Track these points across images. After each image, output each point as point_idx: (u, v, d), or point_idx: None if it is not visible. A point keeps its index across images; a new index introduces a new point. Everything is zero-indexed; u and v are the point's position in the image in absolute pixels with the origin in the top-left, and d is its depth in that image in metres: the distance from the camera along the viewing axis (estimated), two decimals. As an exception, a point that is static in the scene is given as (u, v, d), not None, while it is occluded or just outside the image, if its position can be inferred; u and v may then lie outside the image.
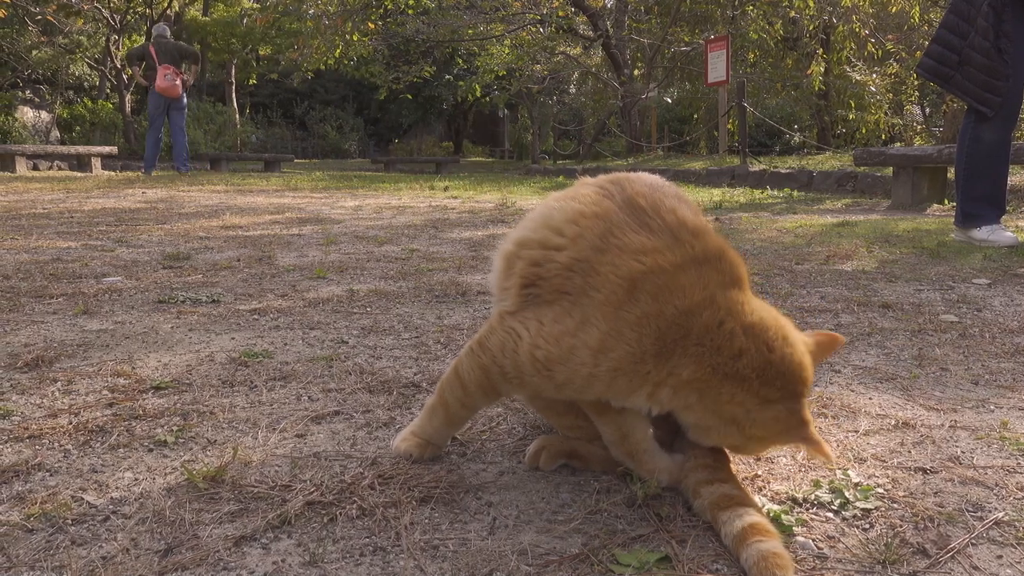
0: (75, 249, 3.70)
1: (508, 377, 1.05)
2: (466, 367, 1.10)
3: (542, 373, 1.01)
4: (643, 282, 0.97)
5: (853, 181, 7.97)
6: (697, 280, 0.98)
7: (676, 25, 15.62)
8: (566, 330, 0.99)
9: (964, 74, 3.70)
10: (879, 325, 2.13)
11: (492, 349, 1.06)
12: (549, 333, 1.00)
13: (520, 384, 1.06)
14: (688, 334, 0.96)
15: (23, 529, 0.99)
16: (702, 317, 0.96)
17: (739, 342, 0.97)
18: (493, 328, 1.08)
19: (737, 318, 0.98)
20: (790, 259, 3.36)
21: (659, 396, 1.00)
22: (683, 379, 0.97)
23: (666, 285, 0.97)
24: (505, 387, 1.08)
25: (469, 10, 16.51)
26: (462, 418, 1.19)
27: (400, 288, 2.71)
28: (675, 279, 0.97)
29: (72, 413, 1.41)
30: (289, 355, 1.82)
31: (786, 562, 0.87)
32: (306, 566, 0.91)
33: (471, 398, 1.13)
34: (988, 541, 0.98)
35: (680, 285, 0.97)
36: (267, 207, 6.47)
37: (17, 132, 17.19)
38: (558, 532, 0.99)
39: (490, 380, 1.08)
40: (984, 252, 3.47)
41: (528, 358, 1.01)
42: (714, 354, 0.96)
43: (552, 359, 1.00)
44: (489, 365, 1.07)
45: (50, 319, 2.18)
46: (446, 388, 1.15)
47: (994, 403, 1.50)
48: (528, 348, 1.01)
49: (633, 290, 0.97)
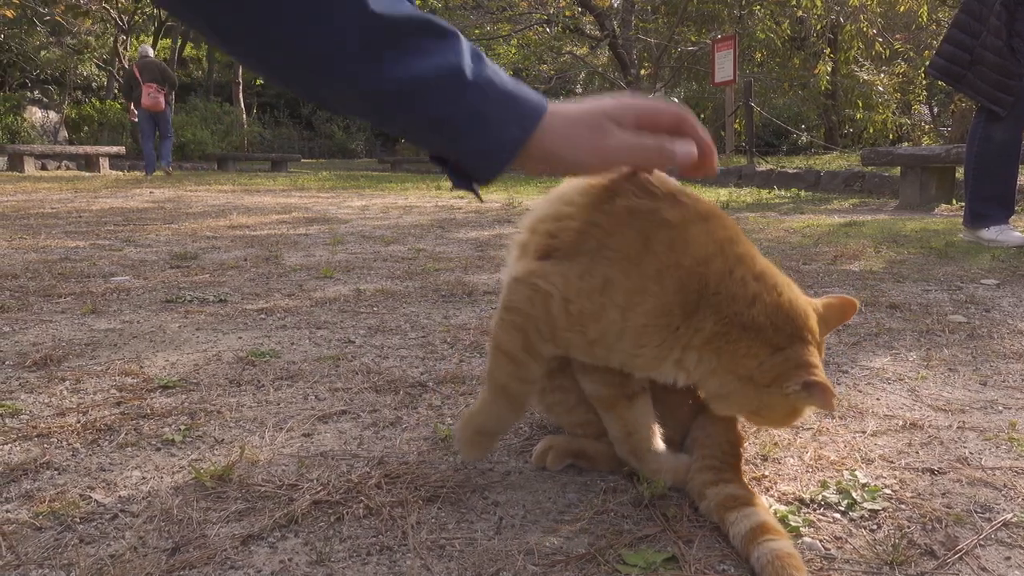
0: (83, 248, 3.72)
1: (542, 332, 1.03)
2: (503, 338, 1.06)
3: (575, 329, 1.01)
4: (655, 235, 0.99)
5: (860, 181, 7.94)
6: (705, 233, 1.00)
7: (683, 25, 15.60)
8: (593, 287, 0.99)
9: (976, 73, 3.69)
10: (887, 325, 2.12)
11: (522, 307, 1.03)
12: (580, 288, 1.00)
13: (552, 340, 1.03)
14: (707, 284, 0.97)
15: (32, 527, 1.00)
16: (715, 265, 0.98)
17: (751, 288, 0.98)
18: (514, 288, 1.05)
19: (746, 266, 1.00)
20: (797, 259, 3.36)
21: (686, 362, 1.00)
22: (706, 335, 0.98)
23: (678, 237, 0.99)
24: (541, 345, 1.04)
25: (476, 10, 16.51)
26: (524, 394, 1.10)
27: (407, 288, 2.71)
28: (685, 232, 0.99)
29: (80, 412, 1.42)
30: (296, 354, 1.82)
31: (800, 563, 0.86)
32: (313, 565, 0.91)
33: (521, 366, 1.06)
34: (996, 542, 0.97)
35: (690, 237, 0.99)
36: (274, 207, 6.49)
37: (25, 132, 17.28)
38: (565, 532, 0.99)
39: (528, 338, 1.04)
40: (992, 252, 3.45)
41: (562, 312, 1.00)
42: (731, 302, 0.97)
43: (585, 315, 0.99)
44: (524, 323, 1.03)
45: (58, 318, 2.19)
46: (496, 371, 1.08)
47: (1002, 404, 1.49)
48: (561, 302, 1.00)
49: (647, 241, 0.99)
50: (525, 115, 0.92)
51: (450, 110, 0.90)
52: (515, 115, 0.92)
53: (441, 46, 0.89)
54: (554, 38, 17.47)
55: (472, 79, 0.90)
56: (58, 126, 19.21)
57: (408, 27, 0.88)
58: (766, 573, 0.86)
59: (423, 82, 0.88)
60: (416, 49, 0.88)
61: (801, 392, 0.97)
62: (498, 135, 0.92)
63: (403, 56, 0.87)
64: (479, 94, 0.90)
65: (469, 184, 0.97)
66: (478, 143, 0.92)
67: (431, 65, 0.88)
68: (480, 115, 0.90)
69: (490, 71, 0.92)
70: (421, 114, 0.91)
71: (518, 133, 0.92)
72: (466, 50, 0.91)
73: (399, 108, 0.90)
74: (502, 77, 0.93)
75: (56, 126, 19.17)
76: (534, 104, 0.93)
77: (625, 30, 15.79)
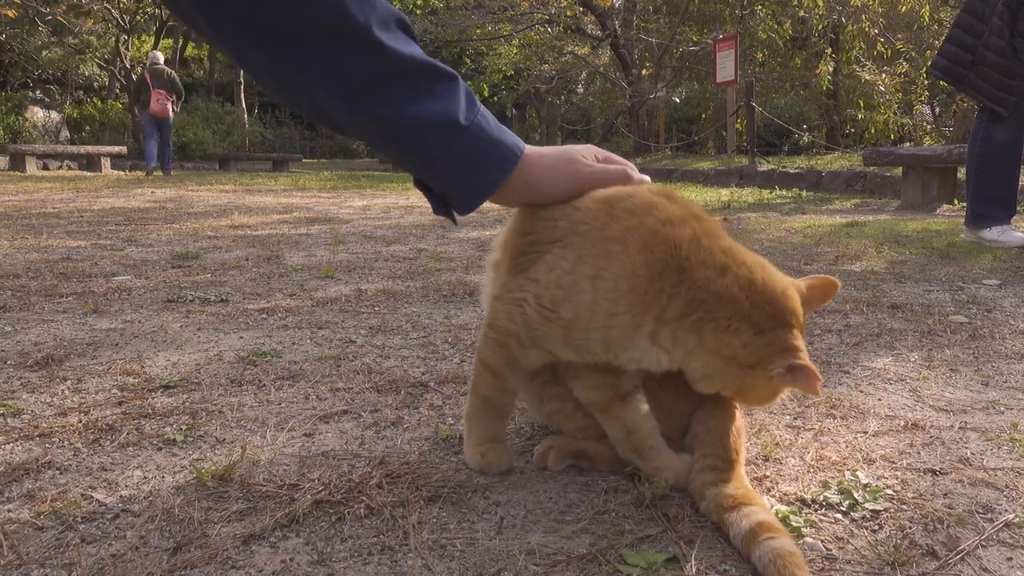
0: (85, 248, 3.72)
1: (523, 342, 1.08)
2: (487, 353, 1.12)
3: (549, 318, 1.04)
4: (619, 202, 1.04)
5: (862, 181, 7.94)
6: (670, 203, 1.04)
7: (684, 25, 15.59)
8: (564, 271, 1.03)
9: (978, 73, 3.69)
10: (888, 326, 2.12)
11: (501, 324, 1.09)
12: (548, 280, 1.04)
13: (534, 344, 1.07)
14: (674, 246, 0.99)
15: (33, 527, 1.00)
16: (681, 230, 1.00)
17: (719, 258, 1.00)
18: (495, 307, 1.11)
19: (712, 239, 1.02)
20: (799, 259, 3.35)
21: (661, 337, 1.01)
22: (681, 303, 0.99)
23: (642, 202, 1.03)
24: (524, 355, 1.10)
25: (477, 10, 16.52)
26: (505, 404, 1.17)
27: (408, 288, 2.71)
28: (649, 199, 1.04)
29: (82, 411, 1.42)
30: (297, 354, 1.82)
31: (801, 561, 0.86)
32: (314, 565, 0.91)
33: (503, 380, 1.13)
34: (998, 543, 0.97)
35: (655, 203, 1.03)
36: (275, 207, 6.49)
37: (27, 132, 17.29)
38: (566, 532, 0.99)
39: (509, 352, 1.09)
40: (994, 253, 3.45)
41: (535, 310, 1.05)
42: (701, 268, 0.99)
43: (556, 300, 1.03)
44: (504, 339, 1.09)
45: (60, 318, 2.19)
46: (479, 384, 1.14)
47: (1004, 404, 1.49)
48: (534, 302, 1.05)
49: (611, 210, 1.03)
50: (506, 157, 1.06)
51: (440, 150, 1.02)
52: (497, 157, 1.05)
53: (443, 90, 1.02)
54: (555, 38, 17.47)
55: (465, 124, 1.03)
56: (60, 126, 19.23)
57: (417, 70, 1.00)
58: (768, 572, 0.86)
59: (421, 122, 1.00)
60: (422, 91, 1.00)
61: (786, 375, 0.99)
62: (481, 174, 1.05)
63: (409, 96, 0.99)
64: (468, 138, 1.03)
65: (449, 212, 1.11)
66: (462, 181, 1.06)
67: (431, 108, 1.01)
68: (466, 157, 1.04)
69: (480, 116, 1.05)
70: (415, 150, 1.03)
71: (498, 175, 1.06)
72: (462, 95, 1.04)
73: (396, 141, 1.03)
74: (489, 121, 1.06)
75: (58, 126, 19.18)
76: (513, 147, 1.07)
77: (627, 30, 15.79)
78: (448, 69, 1.04)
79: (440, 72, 1.02)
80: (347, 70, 0.96)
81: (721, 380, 1.03)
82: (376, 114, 0.99)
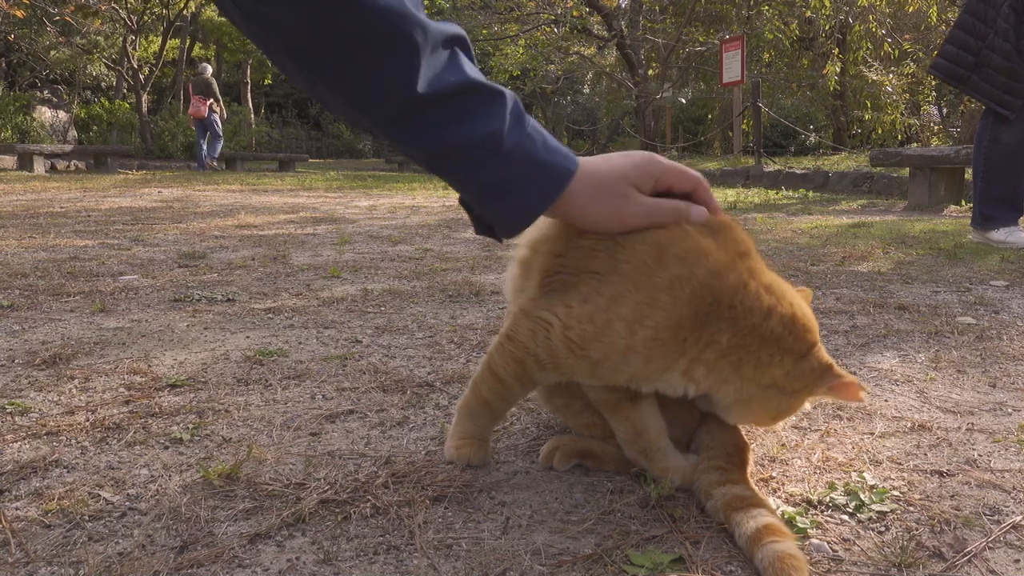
0: (92, 248, 3.74)
1: (543, 364, 1.05)
2: (499, 362, 1.10)
3: (576, 354, 1.01)
4: (670, 247, 0.99)
5: (869, 182, 7.92)
6: (717, 245, 1.01)
7: (691, 25, 15.57)
8: (598, 307, 1.00)
9: (983, 76, 3.68)
10: (895, 327, 2.11)
11: (523, 340, 1.06)
12: (580, 313, 1.00)
13: (555, 369, 1.06)
14: (720, 297, 0.98)
15: (41, 525, 1.00)
16: (729, 279, 0.99)
17: (766, 300, 0.99)
18: (518, 320, 1.07)
19: (758, 278, 1.01)
20: (805, 260, 3.35)
21: (695, 373, 1.00)
22: (722, 347, 0.98)
23: (692, 248, 0.99)
24: (540, 375, 1.08)
25: (483, 10, 16.53)
26: (503, 411, 1.18)
27: (414, 287, 2.71)
28: (698, 243, 1.00)
29: (89, 410, 1.43)
30: (303, 354, 1.83)
31: (801, 563, 0.86)
32: (320, 564, 0.91)
33: (509, 391, 1.12)
34: (1005, 545, 0.97)
35: (704, 249, 1.00)
36: (282, 206, 6.50)
37: (35, 132, 17.35)
38: (571, 532, 0.99)
39: (525, 370, 1.07)
40: (1002, 254, 3.44)
41: (561, 341, 1.01)
42: (748, 315, 0.98)
43: (586, 337, 1.00)
44: (523, 356, 1.06)
45: (67, 317, 2.20)
46: (482, 386, 1.13)
47: (1012, 406, 1.48)
48: (560, 331, 1.01)
49: (661, 255, 0.99)
50: (552, 182, 0.97)
51: (475, 177, 0.95)
52: (540, 184, 0.97)
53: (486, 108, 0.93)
54: (562, 38, 17.46)
55: (508, 149, 0.94)
56: (67, 126, 19.29)
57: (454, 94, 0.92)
58: (768, 574, 0.86)
59: (455, 149, 0.93)
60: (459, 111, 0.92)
61: (830, 392, 1.03)
62: (520, 203, 0.97)
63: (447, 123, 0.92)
64: (510, 164, 0.95)
65: (491, 233, 1.03)
66: (500, 208, 0.98)
67: (467, 133, 0.93)
68: (504, 185, 0.96)
69: (526, 136, 0.96)
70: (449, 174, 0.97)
71: (539, 203, 0.98)
72: (508, 112, 0.95)
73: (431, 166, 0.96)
74: (536, 141, 0.97)
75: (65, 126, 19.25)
76: (561, 170, 0.98)
77: (633, 30, 15.78)
78: (494, 85, 0.95)
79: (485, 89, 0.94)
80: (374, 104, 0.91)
81: (759, 407, 1.03)
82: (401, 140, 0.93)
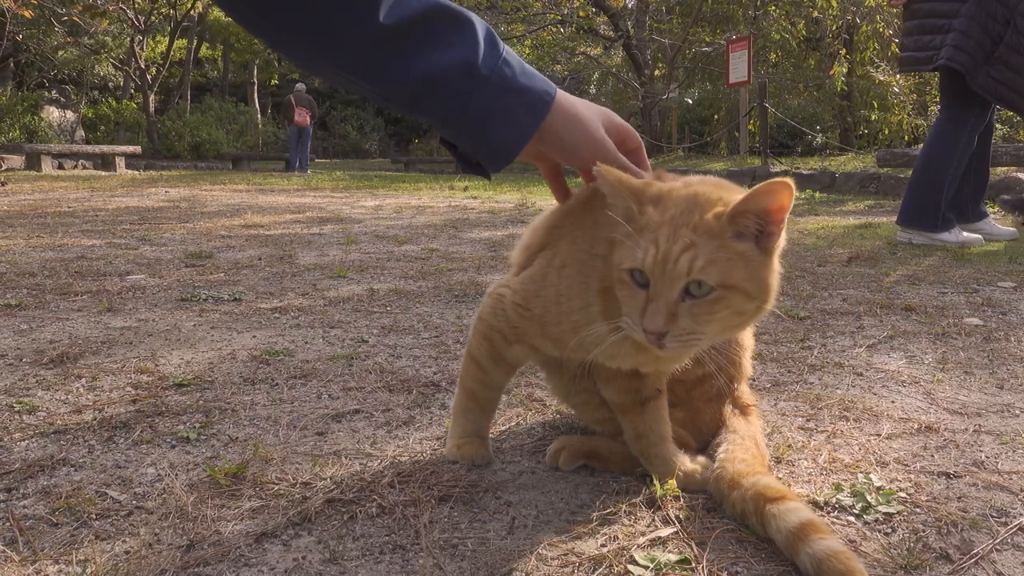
0: (99, 247, 3.75)
1: (506, 336, 1.13)
2: (474, 345, 1.18)
3: (523, 315, 1.08)
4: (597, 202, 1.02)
5: (876, 182, 7.89)
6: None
7: (697, 25, 15.55)
8: (539, 267, 1.08)
9: (995, 72, 3.67)
10: (902, 328, 2.11)
11: (486, 317, 1.15)
12: (526, 276, 1.09)
13: (516, 338, 1.12)
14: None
15: (48, 523, 1.01)
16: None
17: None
18: (483, 303, 1.17)
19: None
20: (812, 261, 3.34)
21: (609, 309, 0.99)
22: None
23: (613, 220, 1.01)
24: (507, 350, 1.14)
25: (490, 10, 16.52)
26: (489, 400, 1.21)
27: (420, 287, 2.71)
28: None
29: (96, 409, 1.43)
30: (310, 353, 1.83)
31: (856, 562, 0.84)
32: (326, 563, 0.91)
33: (487, 374, 1.17)
34: (1012, 547, 0.96)
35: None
36: (288, 206, 6.52)
37: (43, 132, 17.40)
38: (577, 532, 0.99)
39: (494, 346, 1.14)
40: (1010, 255, 3.42)
41: (512, 307, 1.10)
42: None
43: (529, 296, 1.08)
44: (489, 333, 1.14)
45: (75, 316, 2.21)
46: (466, 378, 1.19)
47: (1019, 407, 1.48)
48: (510, 297, 1.10)
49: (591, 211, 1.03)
50: (536, 107, 0.96)
51: (460, 108, 0.93)
52: (525, 109, 0.96)
53: (457, 34, 0.91)
54: (568, 39, 17.45)
55: (486, 75, 0.92)
56: (75, 125, 19.34)
57: (419, 19, 0.89)
58: (823, 568, 0.84)
59: (436, 81, 0.91)
60: (430, 38, 0.90)
61: None
62: (507, 131, 0.95)
63: (417, 51, 0.90)
64: (491, 91, 0.93)
65: (476, 171, 1.03)
66: (487, 138, 0.96)
67: (444, 61, 0.90)
68: (489, 113, 0.94)
69: (502, 61, 0.94)
70: (433, 112, 0.95)
71: (526, 129, 0.96)
72: (481, 38, 0.93)
73: (412, 106, 0.94)
74: (513, 66, 0.95)
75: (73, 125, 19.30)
76: (542, 94, 0.96)
77: (639, 31, 15.77)
78: (461, 9, 0.92)
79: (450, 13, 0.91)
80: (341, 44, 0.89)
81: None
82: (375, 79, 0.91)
